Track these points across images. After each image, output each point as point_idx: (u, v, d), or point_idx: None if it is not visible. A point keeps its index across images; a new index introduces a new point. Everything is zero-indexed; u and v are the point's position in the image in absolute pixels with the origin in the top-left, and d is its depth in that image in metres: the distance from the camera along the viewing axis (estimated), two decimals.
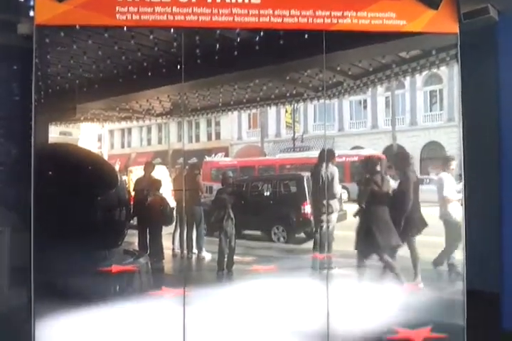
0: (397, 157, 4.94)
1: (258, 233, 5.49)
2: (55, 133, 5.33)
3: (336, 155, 5.11)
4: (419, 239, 4.61)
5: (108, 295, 4.51)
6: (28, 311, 4.30)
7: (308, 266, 4.93)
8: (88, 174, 4.67)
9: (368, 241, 4.35)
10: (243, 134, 6.18)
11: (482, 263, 4.92)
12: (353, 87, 5.48)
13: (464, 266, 4.55)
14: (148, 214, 4.93)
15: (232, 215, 5.14)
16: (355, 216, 4.57)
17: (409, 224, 4.47)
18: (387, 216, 4.41)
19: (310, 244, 5.13)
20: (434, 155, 6.34)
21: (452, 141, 5.18)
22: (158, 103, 5.59)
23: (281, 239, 5.41)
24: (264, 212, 5.50)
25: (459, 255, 4.56)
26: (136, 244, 5.00)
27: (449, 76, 5.89)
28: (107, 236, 4.56)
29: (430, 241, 4.81)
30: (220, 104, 5.73)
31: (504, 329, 4.45)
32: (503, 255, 4.55)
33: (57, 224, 4.38)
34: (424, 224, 4.52)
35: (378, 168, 4.50)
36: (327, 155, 4.89)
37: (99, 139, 5.65)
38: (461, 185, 4.40)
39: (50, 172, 4.56)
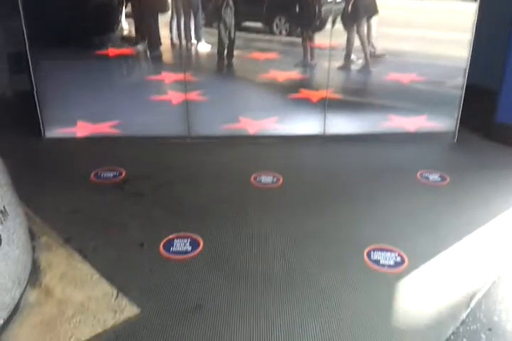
0: None
1: (259, 25, 5.22)
2: None
3: None
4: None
5: (109, 80, 4.58)
6: (31, 96, 4.43)
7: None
8: None
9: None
10: None
11: (486, 60, 4.87)
12: None
13: (468, 61, 4.51)
14: None
15: (231, 3, 4.83)
16: None
17: (358, 9, 4.67)
18: None
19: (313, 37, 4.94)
20: None
21: None
22: None
23: (283, 31, 5.17)
24: (265, 0, 5.12)
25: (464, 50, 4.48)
26: (133, 32, 4.82)
27: None
28: (101, 20, 4.39)
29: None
30: None
31: (497, 123, 4.68)
32: (509, 53, 4.51)
33: (48, 9, 4.20)
34: (375, 11, 4.63)
35: None
36: None
37: None
38: None
39: None
